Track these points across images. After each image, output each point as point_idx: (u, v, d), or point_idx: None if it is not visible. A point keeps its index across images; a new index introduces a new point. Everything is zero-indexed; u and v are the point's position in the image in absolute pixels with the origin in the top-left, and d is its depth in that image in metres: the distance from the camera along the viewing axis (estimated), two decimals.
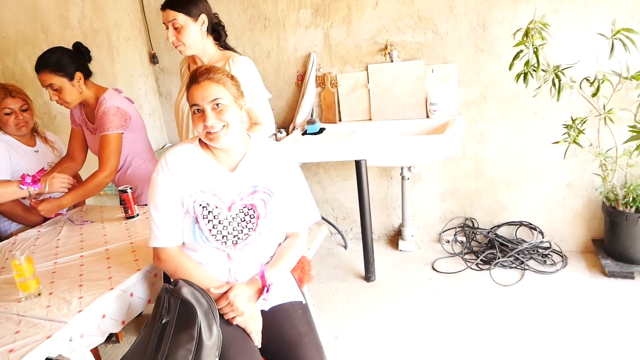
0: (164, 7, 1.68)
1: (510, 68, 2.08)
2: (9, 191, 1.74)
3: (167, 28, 1.70)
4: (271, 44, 2.85)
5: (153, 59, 3.16)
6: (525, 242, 2.58)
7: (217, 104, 1.23)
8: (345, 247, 2.93)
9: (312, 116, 2.79)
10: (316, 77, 2.78)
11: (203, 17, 1.71)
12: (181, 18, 1.67)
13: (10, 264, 1.47)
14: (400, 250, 2.80)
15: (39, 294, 1.31)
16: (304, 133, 2.67)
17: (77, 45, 1.90)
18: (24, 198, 1.83)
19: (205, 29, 1.74)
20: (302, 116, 2.76)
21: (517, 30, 2.09)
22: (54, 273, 1.44)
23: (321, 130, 2.68)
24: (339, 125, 2.75)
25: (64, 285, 1.35)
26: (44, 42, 2.42)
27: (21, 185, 1.75)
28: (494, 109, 2.56)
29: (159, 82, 3.25)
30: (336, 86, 2.77)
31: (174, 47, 1.75)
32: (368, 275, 2.49)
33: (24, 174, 1.79)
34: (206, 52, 1.77)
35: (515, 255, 2.50)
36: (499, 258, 2.51)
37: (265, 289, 1.26)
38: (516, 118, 2.52)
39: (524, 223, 2.65)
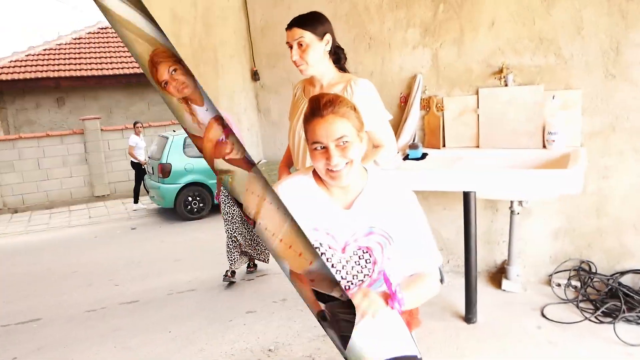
0: (290, 27, 1.67)
1: None
2: None
3: (291, 47, 1.69)
4: (375, 64, 2.79)
5: (254, 75, 3.24)
6: None
7: (344, 141, 1.14)
8: (441, 280, 2.76)
9: (414, 140, 2.67)
10: (421, 99, 2.66)
11: (328, 37, 1.70)
12: (307, 36, 1.66)
13: None
14: (504, 290, 2.57)
15: None
16: (405, 158, 2.56)
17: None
18: None
19: (328, 49, 1.71)
20: (403, 140, 2.66)
21: None
22: None
23: (424, 155, 2.55)
24: (443, 151, 2.61)
25: None
26: None
27: None
28: (624, 141, 2.28)
29: (259, 98, 3.32)
30: (442, 110, 2.62)
31: (295, 67, 1.71)
32: (469, 317, 2.30)
33: None
34: (325, 74, 1.74)
35: None
36: (624, 312, 2.20)
37: (395, 296, 1.09)
38: None
39: None
